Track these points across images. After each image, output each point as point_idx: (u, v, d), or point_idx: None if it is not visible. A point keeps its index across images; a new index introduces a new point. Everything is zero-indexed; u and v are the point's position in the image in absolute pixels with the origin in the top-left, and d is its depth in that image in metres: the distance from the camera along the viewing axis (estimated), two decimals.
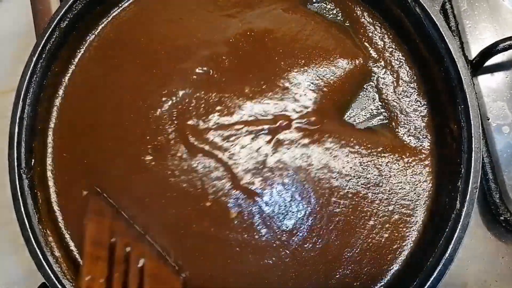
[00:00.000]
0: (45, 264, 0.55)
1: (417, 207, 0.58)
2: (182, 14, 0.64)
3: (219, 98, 0.60)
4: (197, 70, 0.61)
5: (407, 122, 0.61)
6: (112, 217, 0.57)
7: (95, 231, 0.55)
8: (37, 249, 0.56)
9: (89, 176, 0.60)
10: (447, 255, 0.52)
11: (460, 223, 0.53)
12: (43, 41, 0.60)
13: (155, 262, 0.56)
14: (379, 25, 0.64)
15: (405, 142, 0.60)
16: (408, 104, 0.61)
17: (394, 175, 0.59)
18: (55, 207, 0.61)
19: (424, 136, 0.60)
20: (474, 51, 0.68)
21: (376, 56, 0.63)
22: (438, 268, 0.52)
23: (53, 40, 0.61)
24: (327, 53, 0.61)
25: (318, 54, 0.61)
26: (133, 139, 0.60)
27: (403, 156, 0.59)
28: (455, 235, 0.52)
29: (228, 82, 0.60)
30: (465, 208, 0.53)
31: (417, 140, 0.60)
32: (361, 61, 0.61)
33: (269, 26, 0.62)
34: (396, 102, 0.62)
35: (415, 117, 0.61)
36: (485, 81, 0.68)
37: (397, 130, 0.61)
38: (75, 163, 0.61)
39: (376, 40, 0.63)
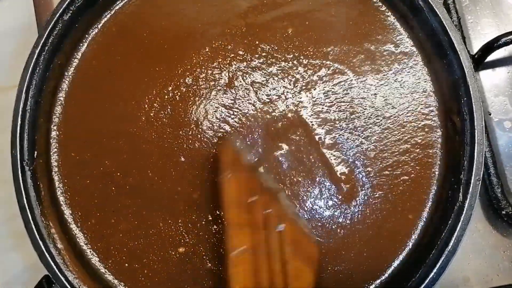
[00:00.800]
0: (47, 255, 0.55)
1: (420, 200, 0.59)
2: (185, 5, 0.65)
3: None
4: (206, 49, 0.63)
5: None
6: (248, 169, 0.53)
7: (234, 191, 0.50)
8: (39, 240, 0.56)
9: (92, 167, 0.61)
10: (449, 247, 0.53)
11: (463, 215, 0.53)
12: (46, 33, 0.60)
13: (294, 226, 0.52)
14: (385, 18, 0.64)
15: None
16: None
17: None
18: (58, 199, 0.61)
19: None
20: (476, 46, 0.68)
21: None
22: (441, 260, 0.53)
23: (55, 32, 0.61)
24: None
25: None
26: (137, 130, 0.61)
27: None
28: (458, 227, 0.53)
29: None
30: (468, 200, 0.53)
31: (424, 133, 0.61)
32: None
33: None
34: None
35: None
36: (487, 76, 0.68)
37: None
38: (78, 155, 0.62)
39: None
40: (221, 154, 0.53)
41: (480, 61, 0.66)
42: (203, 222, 0.59)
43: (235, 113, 0.62)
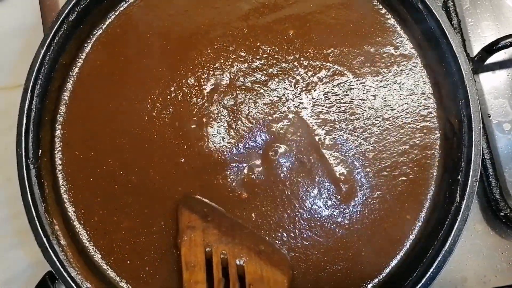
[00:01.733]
0: (51, 252, 0.56)
1: (418, 200, 0.59)
2: (187, 6, 0.66)
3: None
4: (208, 50, 0.64)
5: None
6: (203, 227, 0.57)
7: (189, 254, 0.55)
8: (43, 237, 0.57)
9: (95, 166, 0.62)
10: (446, 247, 0.53)
11: (460, 215, 0.53)
12: (52, 34, 0.61)
13: (255, 263, 0.55)
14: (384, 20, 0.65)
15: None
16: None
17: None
18: (62, 197, 0.62)
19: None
20: (476, 49, 0.69)
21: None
22: (438, 259, 0.53)
23: (61, 33, 0.62)
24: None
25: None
26: (140, 130, 0.62)
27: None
28: (455, 227, 0.53)
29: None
30: (465, 201, 0.54)
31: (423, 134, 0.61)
32: None
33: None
34: None
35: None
36: (486, 79, 0.68)
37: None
38: (82, 154, 0.63)
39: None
40: (178, 221, 0.57)
41: (479, 63, 0.66)
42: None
43: (236, 114, 0.63)
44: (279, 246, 0.58)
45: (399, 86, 0.63)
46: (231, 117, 0.62)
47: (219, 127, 0.62)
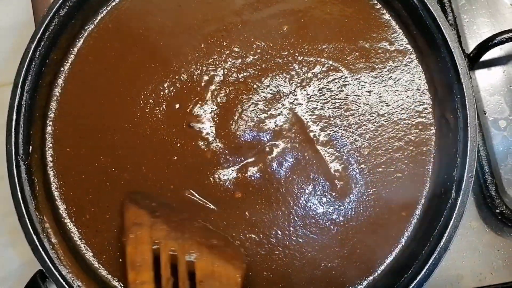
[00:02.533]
0: (41, 250, 0.56)
1: (414, 197, 0.59)
2: (181, 2, 0.65)
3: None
4: (201, 46, 0.63)
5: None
6: (150, 223, 0.54)
7: (134, 253, 0.53)
8: (33, 235, 0.56)
9: (87, 163, 0.61)
10: (442, 243, 0.53)
11: (455, 212, 0.53)
12: (42, 28, 0.60)
13: (206, 259, 0.53)
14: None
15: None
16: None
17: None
18: (53, 194, 0.61)
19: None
20: (471, 45, 0.68)
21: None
22: (433, 256, 0.53)
23: (52, 28, 0.61)
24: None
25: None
26: (132, 126, 0.62)
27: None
28: (450, 224, 0.53)
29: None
30: (460, 197, 0.54)
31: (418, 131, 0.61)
32: None
33: None
34: None
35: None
36: (482, 75, 0.68)
37: None
38: (73, 150, 0.62)
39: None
40: (123, 217, 0.55)
41: (475, 60, 0.66)
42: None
43: (230, 111, 0.62)
44: (272, 243, 0.58)
45: (394, 82, 0.62)
46: (225, 114, 0.62)
47: (212, 124, 0.61)
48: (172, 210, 0.57)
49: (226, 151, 0.60)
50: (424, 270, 0.53)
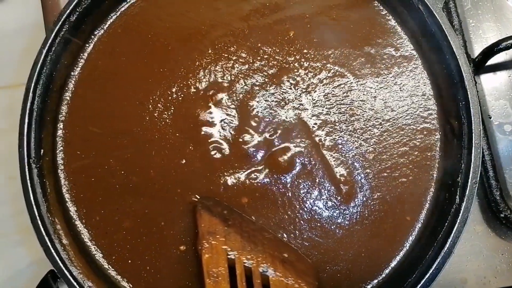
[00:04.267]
0: (53, 251, 0.57)
1: (418, 202, 0.60)
2: (188, 7, 0.66)
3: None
4: (209, 51, 0.64)
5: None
6: (224, 233, 0.54)
7: (211, 262, 0.52)
8: (45, 236, 0.57)
9: (97, 166, 0.62)
10: (446, 248, 0.53)
11: (459, 217, 0.54)
12: (53, 34, 0.61)
13: (280, 273, 0.52)
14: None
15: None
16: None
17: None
18: (64, 196, 0.62)
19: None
20: (477, 50, 0.69)
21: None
22: (437, 260, 0.53)
23: (62, 33, 0.62)
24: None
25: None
26: (141, 130, 0.63)
27: None
28: (454, 229, 0.53)
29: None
30: (465, 202, 0.54)
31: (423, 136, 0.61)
32: None
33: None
34: None
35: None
36: (487, 80, 0.68)
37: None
38: (83, 153, 0.63)
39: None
40: (197, 224, 0.55)
41: (480, 64, 0.66)
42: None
43: (237, 116, 0.63)
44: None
45: (400, 88, 0.63)
46: (232, 119, 0.63)
47: (220, 129, 0.62)
48: (243, 219, 0.57)
49: (233, 157, 0.61)
50: (428, 274, 0.53)
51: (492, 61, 0.66)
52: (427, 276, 0.54)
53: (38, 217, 0.57)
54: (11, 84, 0.74)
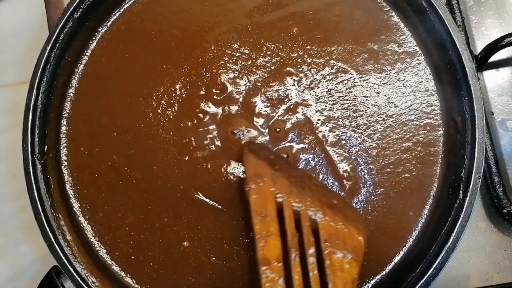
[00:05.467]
0: (56, 246, 0.57)
1: (421, 197, 0.60)
2: (192, 4, 0.66)
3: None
4: (212, 47, 0.64)
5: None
6: (271, 176, 0.52)
7: (259, 203, 0.50)
8: (49, 232, 0.57)
9: (100, 162, 0.62)
10: (449, 243, 0.53)
11: (463, 212, 0.54)
12: (57, 31, 0.61)
13: (329, 218, 0.49)
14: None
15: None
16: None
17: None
18: (67, 192, 0.62)
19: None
20: (479, 46, 0.69)
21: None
22: (441, 256, 0.53)
23: (66, 30, 0.63)
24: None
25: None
26: (145, 126, 0.63)
27: None
28: (458, 224, 0.54)
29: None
30: (468, 197, 0.54)
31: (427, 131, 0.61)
32: None
33: None
34: None
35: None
36: (490, 76, 0.68)
37: None
38: (87, 150, 0.63)
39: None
40: (244, 166, 0.54)
41: (483, 61, 0.66)
42: (205, 220, 0.60)
43: (240, 112, 0.63)
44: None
45: (403, 84, 0.63)
46: (235, 115, 0.63)
47: (223, 126, 0.62)
48: (289, 164, 0.56)
49: (236, 153, 0.61)
50: (432, 269, 0.53)
51: (495, 57, 0.66)
52: (430, 272, 0.54)
53: (42, 213, 0.57)
54: (15, 82, 0.74)
